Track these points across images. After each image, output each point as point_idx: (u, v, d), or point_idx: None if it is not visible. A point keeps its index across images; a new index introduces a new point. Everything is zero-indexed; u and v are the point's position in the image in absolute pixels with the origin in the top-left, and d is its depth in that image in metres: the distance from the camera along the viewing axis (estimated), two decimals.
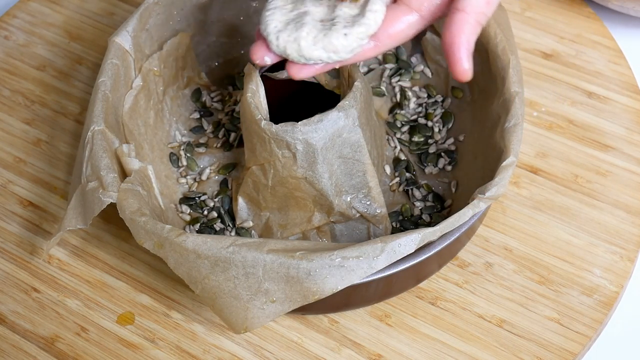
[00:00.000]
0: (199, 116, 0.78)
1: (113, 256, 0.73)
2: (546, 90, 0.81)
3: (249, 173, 0.68)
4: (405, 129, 0.76)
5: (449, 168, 0.74)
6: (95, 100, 0.67)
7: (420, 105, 0.78)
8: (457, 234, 0.61)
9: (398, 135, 0.76)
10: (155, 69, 0.74)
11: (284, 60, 0.70)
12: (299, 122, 0.64)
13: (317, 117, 0.64)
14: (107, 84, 0.69)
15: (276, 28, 0.58)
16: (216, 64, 0.81)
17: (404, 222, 0.71)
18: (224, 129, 0.77)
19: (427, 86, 0.78)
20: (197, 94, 0.79)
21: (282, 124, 0.64)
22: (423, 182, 0.73)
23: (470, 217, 0.60)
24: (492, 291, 0.69)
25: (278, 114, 0.68)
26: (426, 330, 0.67)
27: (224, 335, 0.68)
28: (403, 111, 0.78)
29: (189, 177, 0.75)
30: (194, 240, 0.58)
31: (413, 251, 0.58)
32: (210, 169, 0.75)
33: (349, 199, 0.68)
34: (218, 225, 0.72)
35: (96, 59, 0.86)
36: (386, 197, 0.72)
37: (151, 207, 0.65)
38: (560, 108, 0.80)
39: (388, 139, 0.75)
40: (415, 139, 0.76)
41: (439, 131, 0.76)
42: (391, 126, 0.76)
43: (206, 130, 0.78)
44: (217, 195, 0.73)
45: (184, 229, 0.71)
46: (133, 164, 0.66)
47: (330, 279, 0.57)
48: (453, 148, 0.75)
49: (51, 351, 0.68)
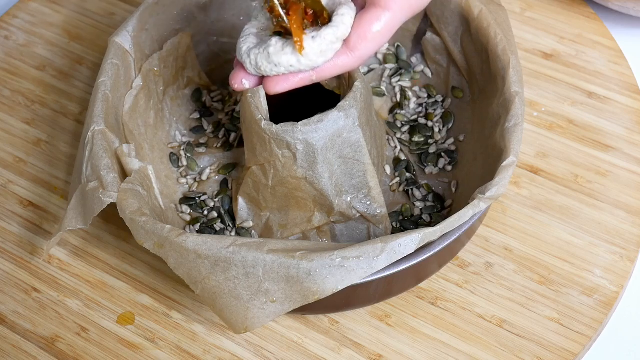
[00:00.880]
0: (199, 116, 0.78)
1: (113, 256, 0.73)
2: (546, 90, 0.81)
3: (249, 173, 0.68)
4: (406, 129, 0.76)
5: (449, 168, 0.74)
6: (96, 100, 0.67)
7: (420, 105, 0.78)
8: (457, 234, 0.61)
9: (398, 135, 0.76)
10: (156, 69, 0.74)
11: None
12: (299, 122, 0.64)
13: (317, 117, 0.64)
14: (107, 84, 0.69)
15: (249, 48, 0.60)
16: (216, 64, 0.81)
17: (404, 222, 0.71)
18: (224, 129, 0.77)
19: (427, 86, 0.78)
20: (197, 94, 0.79)
21: (282, 124, 0.64)
22: (423, 182, 0.73)
23: (471, 217, 0.60)
24: (492, 291, 0.69)
25: (278, 114, 0.68)
26: (426, 330, 0.67)
27: (224, 335, 0.68)
28: (403, 111, 0.78)
29: (189, 177, 0.75)
30: (194, 240, 0.58)
31: (413, 251, 0.58)
32: (211, 169, 0.75)
33: (349, 199, 0.68)
34: (218, 226, 0.72)
35: (96, 59, 0.86)
36: (386, 197, 0.72)
37: (151, 207, 0.65)
38: (560, 108, 0.80)
39: (388, 139, 0.75)
40: (416, 139, 0.75)
41: (439, 131, 0.76)
42: (391, 126, 0.76)
43: (206, 130, 0.78)
44: (217, 195, 0.73)
45: (184, 229, 0.71)
46: (133, 164, 0.66)
47: (330, 279, 0.57)
48: (453, 148, 0.75)
49: (51, 351, 0.68)
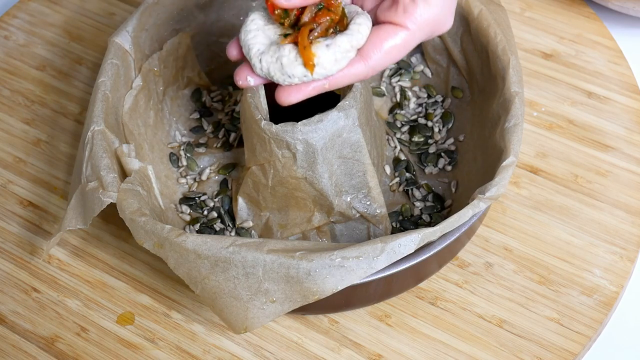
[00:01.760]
0: (199, 116, 0.78)
1: (113, 256, 0.73)
2: (546, 90, 0.81)
3: (249, 173, 0.68)
4: (405, 129, 0.76)
5: (449, 168, 0.74)
6: (95, 100, 0.67)
7: (420, 105, 0.78)
8: (457, 234, 0.61)
9: (398, 135, 0.76)
10: (155, 69, 0.74)
11: None
12: (299, 122, 0.64)
13: (317, 117, 0.64)
14: (107, 84, 0.69)
15: (259, 51, 0.58)
16: (216, 64, 0.81)
17: (404, 222, 0.71)
18: (224, 129, 0.77)
19: (427, 86, 0.78)
20: (197, 94, 0.79)
21: (282, 124, 0.64)
22: (423, 182, 0.73)
23: (470, 217, 0.60)
24: (492, 291, 0.69)
25: (278, 114, 0.68)
26: (426, 330, 0.67)
27: (224, 335, 0.68)
28: (403, 111, 0.78)
29: (189, 177, 0.75)
30: (194, 240, 0.58)
31: (413, 251, 0.58)
32: (210, 169, 0.75)
33: (349, 199, 0.68)
34: (218, 226, 0.72)
35: (96, 59, 0.86)
36: (386, 197, 0.72)
37: (151, 207, 0.65)
38: (560, 108, 0.80)
39: (388, 139, 0.75)
40: (415, 139, 0.75)
41: (439, 131, 0.76)
42: (391, 126, 0.76)
43: (206, 130, 0.78)
44: (217, 196, 0.73)
45: (184, 229, 0.71)
46: (133, 164, 0.66)
47: (330, 279, 0.57)
48: (453, 148, 0.75)
49: (51, 351, 0.68)
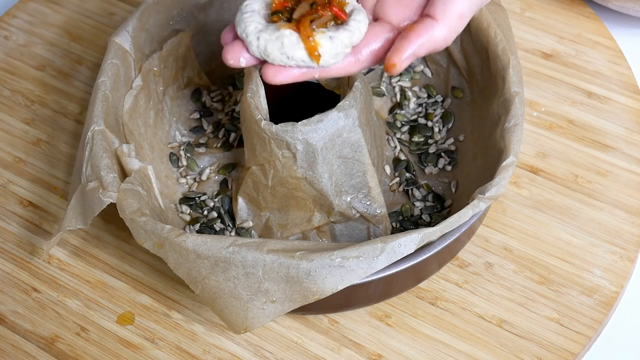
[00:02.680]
0: (199, 116, 0.78)
1: (113, 256, 0.73)
2: (546, 90, 0.81)
3: (249, 173, 0.68)
4: (405, 129, 0.76)
5: (449, 168, 0.74)
6: (95, 100, 0.67)
7: (420, 105, 0.78)
8: (457, 234, 0.61)
9: (398, 135, 0.76)
10: (155, 69, 0.74)
11: None
12: (299, 122, 0.64)
13: (317, 117, 0.64)
14: (107, 84, 0.69)
15: (257, 29, 0.57)
16: (216, 64, 0.81)
17: (404, 222, 0.71)
18: (224, 129, 0.77)
19: (427, 86, 0.78)
20: (197, 94, 0.79)
21: (282, 124, 0.64)
22: (423, 182, 0.73)
23: (470, 217, 0.60)
24: (492, 291, 0.69)
25: (278, 114, 0.68)
26: (426, 330, 0.67)
27: (224, 335, 0.68)
28: (403, 111, 0.78)
29: (189, 177, 0.75)
30: (194, 241, 0.58)
31: (413, 251, 0.58)
32: (210, 169, 0.75)
33: (349, 199, 0.68)
34: (218, 226, 0.72)
35: (96, 59, 0.86)
36: (386, 197, 0.72)
37: (151, 207, 0.65)
38: (560, 108, 0.80)
39: (388, 139, 0.75)
40: (415, 139, 0.76)
41: (439, 131, 0.76)
42: (391, 126, 0.76)
43: (206, 130, 0.78)
44: (217, 195, 0.73)
45: (184, 229, 0.71)
46: (133, 164, 0.66)
47: (330, 279, 0.57)
48: (453, 148, 0.75)
49: (51, 351, 0.68)
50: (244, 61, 0.57)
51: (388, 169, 0.73)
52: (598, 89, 0.81)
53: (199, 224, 0.72)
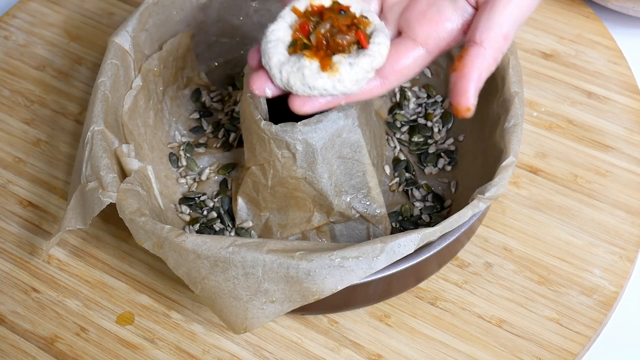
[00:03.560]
0: (198, 116, 0.78)
1: (113, 256, 0.73)
2: (546, 90, 0.81)
3: (248, 173, 0.68)
4: (405, 129, 0.76)
5: (448, 168, 0.74)
6: (95, 101, 0.67)
7: (419, 105, 0.78)
8: (457, 234, 0.61)
9: (398, 136, 0.76)
10: (155, 69, 0.74)
11: None
12: (299, 122, 0.64)
13: (316, 117, 0.64)
14: (106, 84, 0.69)
15: (279, 61, 0.56)
16: (216, 64, 0.81)
17: (403, 222, 0.71)
18: (223, 129, 0.77)
19: (427, 86, 0.78)
20: (196, 94, 0.79)
21: (282, 124, 0.64)
22: (423, 182, 0.73)
23: (470, 217, 0.60)
24: (492, 291, 0.69)
25: (278, 114, 0.68)
26: (426, 331, 0.67)
27: (223, 336, 0.68)
28: (403, 111, 0.78)
29: (188, 177, 0.75)
30: (193, 241, 0.58)
31: (413, 251, 0.58)
32: (210, 169, 0.75)
33: (348, 199, 0.68)
34: (218, 226, 0.72)
35: (96, 59, 0.86)
36: (386, 197, 0.72)
37: (151, 207, 0.65)
38: (560, 108, 0.80)
39: (388, 139, 0.75)
40: (415, 139, 0.76)
41: (439, 131, 0.76)
42: (391, 126, 0.76)
43: (206, 131, 0.78)
44: (216, 196, 0.73)
45: (183, 229, 0.71)
46: (133, 164, 0.66)
47: (329, 279, 0.57)
48: (453, 148, 0.75)
49: (51, 351, 0.68)
50: (269, 92, 0.58)
51: (388, 169, 0.73)
52: (598, 89, 0.81)
53: (198, 224, 0.72)
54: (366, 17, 0.57)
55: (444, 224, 0.59)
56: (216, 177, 0.75)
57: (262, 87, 0.57)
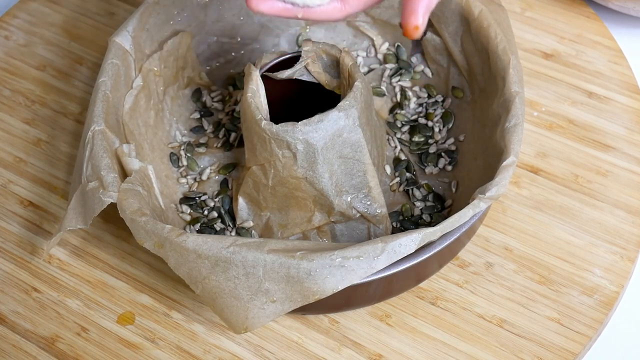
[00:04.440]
0: (199, 116, 0.78)
1: (113, 256, 0.73)
2: (546, 90, 0.81)
3: (249, 173, 0.68)
4: (406, 129, 0.76)
5: (449, 168, 0.74)
6: (96, 100, 0.67)
7: (420, 105, 0.78)
8: (458, 234, 0.61)
9: (398, 135, 0.76)
10: (156, 68, 0.74)
11: (284, 61, 0.70)
12: (299, 122, 0.64)
13: (317, 117, 0.64)
14: (107, 84, 0.69)
15: None
16: (216, 64, 0.81)
17: (404, 222, 0.71)
18: (224, 129, 0.77)
19: (428, 86, 0.78)
20: (197, 94, 0.79)
21: (283, 124, 0.64)
22: (423, 182, 0.73)
23: (471, 217, 0.60)
24: (493, 291, 0.69)
25: (278, 114, 0.68)
26: (426, 330, 0.67)
27: (224, 335, 0.68)
28: (403, 111, 0.78)
29: (189, 177, 0.75)
30: (194, 240, 0.58)
31: (413, 251, 0.58)
32: (211, 169, 0.75)
33: (349, 199, 0.68)
34: (218, 225, 0.72)
35: (96, 59, 0.86)
36: (386, 197, 0.72)
37: (151, 207, 0.65)
38: (561, 108, 0.80)
39: (388, 139, 0.75)
40: (416, 139, 0.76)
41: (439, 131, 0.76)
42: (391, 126, 0.76)
43: (206, 130, 0.78)
44: (217, 195, 0.73)
45: (184, 229, 0.71)
46: (133, 164, 0.66)
47: (330, 279, 0.57)
48: (453, 148, 0.75)
49: (51, 351, 0.68)
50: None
51: (388, 169, 0.73)
52: (598, 88, 0.81)
53: (199, 224, 0.72)
54: None
55: (444, 223, 0.59)
56: (217, 177, 0.75)
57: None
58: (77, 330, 0.69)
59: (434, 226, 0.59)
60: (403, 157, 0.75)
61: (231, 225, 0.71)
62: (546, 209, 0.73)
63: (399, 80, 0.79)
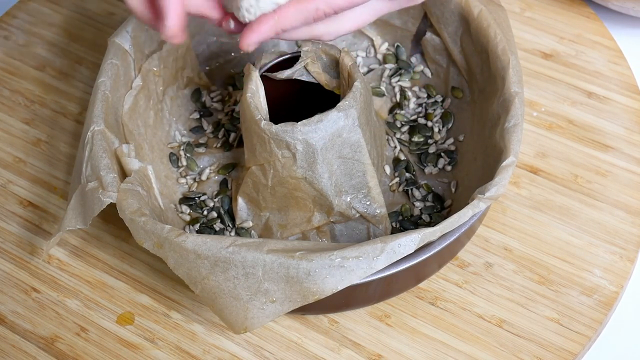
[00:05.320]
0: (198, 116, 0.78)
1: (113, 256, 0.73)
2: (546, 90, 0.81)
3: (248, 173, 0.68)
4: (405, 129, 0.76)
5: (448, 168, 0.74)
6: (95, 101, 0.68)
7: (420, 105, 0.78)
8: (457, 234, 0.61)
9: (398, 136, 0.76)
10: (155, 69, 0.74)
11: (284, 61, 0.70)
12: (299, 122, 0.64)
13: (317, 117, 0.64)
14: (107, 84, 0.69)
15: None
16: (216, 64, 0.81)
17: (403, 222, 0.71)
18: (223, 129, 0.77)
19: (427, 86, 0.78)
20: (196, 94, 0.79)
21: (282, 124, 0.64)
22: (423, 182, 0.73)
23: (470, 217, 0.60)
24: (492, 291, 0.69)
25: (278, 114, 0.68)
26: (426, 331, 0.67)
27: (223, 336, 0.68)
28: (403, 111, 0.78)
29: (188, 177, 0.75)
30: (193, 241, 0.58)
31: (413, 251, 0.58)
32: (210, 169, 0.75)
33: (348, 199, 0.68)
34: (218, 226, 0.72)
35: (96, 59, 0.86)
36: (386, 197, 0.72)
37: (151, 207, 0.65)
38: (560, 108, 0.80)
39: (388, 139, 0.75)
40: (415, 139, 0.75)
41: (439, 131, 0.76)
42: (391, 126, 0.76)
43: (206, 131, 0.78)
44: (217, 196, 0.73)
45: (183, 229, 0.71)
46: (133, 164, 0.66)
47: (330, 279, 0.57)
48: (453, 148, 0.75)
49: (51, 351, 0.68)
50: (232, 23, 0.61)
51: (388, 169, 0.73)
52: (598, 89, 0.81)
53: (198, 224, 0.72)
54: None
55: (444, 223, 0.59)
56: (216, 177, 0.75)
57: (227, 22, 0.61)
58: (76, 331, 0.69)
59: (433, 226, 0.59)
60: (402, 157, 0.75)
61: (230, 225, 0.71)
62: (546, 209, 0.73)
63: (398, 81, 0.79)
